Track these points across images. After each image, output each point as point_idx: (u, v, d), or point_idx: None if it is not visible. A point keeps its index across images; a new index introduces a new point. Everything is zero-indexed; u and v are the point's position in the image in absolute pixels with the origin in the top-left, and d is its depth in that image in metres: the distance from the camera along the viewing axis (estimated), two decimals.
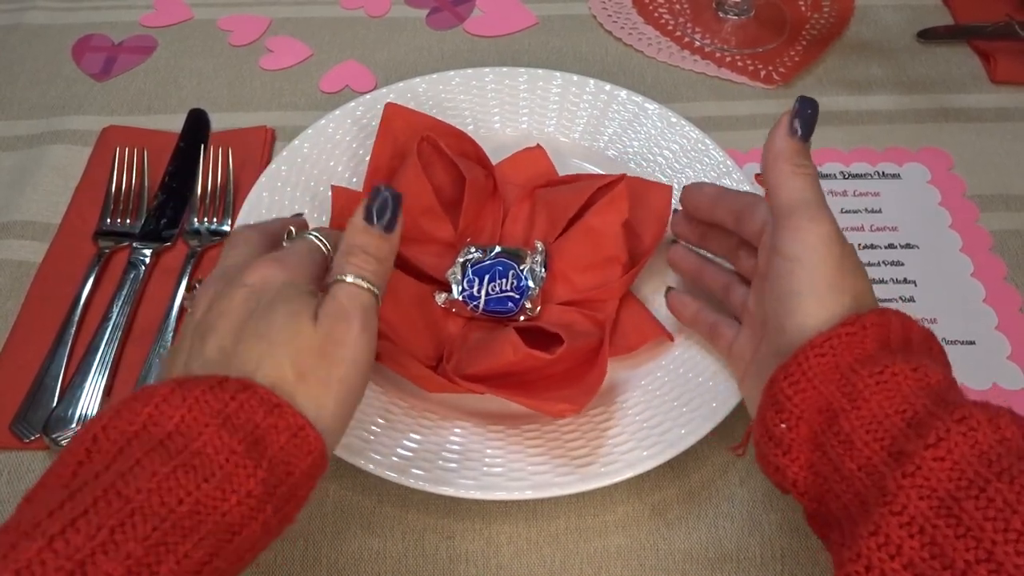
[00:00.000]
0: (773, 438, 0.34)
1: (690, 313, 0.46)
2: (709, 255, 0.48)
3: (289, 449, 0.31)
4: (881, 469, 0.29)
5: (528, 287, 0.48)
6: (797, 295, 0.35)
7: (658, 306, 0.49)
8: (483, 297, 0.48)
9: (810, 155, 0.38)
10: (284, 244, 0.39)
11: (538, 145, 0.56)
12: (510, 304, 0.48)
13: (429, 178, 0.50)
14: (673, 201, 0.51)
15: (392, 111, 0.53)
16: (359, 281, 0.35)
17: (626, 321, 0.48)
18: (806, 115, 0.37)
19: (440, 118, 0.58)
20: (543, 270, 0.49)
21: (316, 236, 0.38)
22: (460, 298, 0.48)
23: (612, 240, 0.49)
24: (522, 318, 0.48)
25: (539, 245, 0.49)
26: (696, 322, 0.46)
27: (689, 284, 0.49)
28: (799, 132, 0.37)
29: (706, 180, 0.54)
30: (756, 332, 0.40)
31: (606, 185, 0.51)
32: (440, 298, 0.48)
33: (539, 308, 0.48)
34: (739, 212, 0.42)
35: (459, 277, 0.48)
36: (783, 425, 0.33)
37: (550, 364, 0.43)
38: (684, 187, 0.47)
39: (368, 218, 0.36)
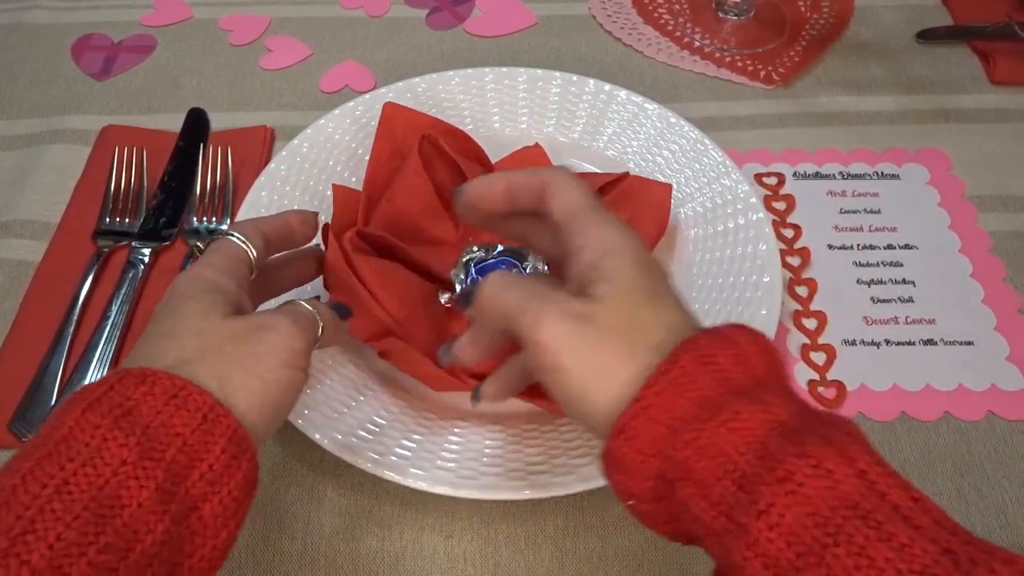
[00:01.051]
0: (631, 510, 0.31)
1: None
2: None
3: (169, 411, 0.29)
4: (727, 541, 0.26)
5: None
6: (579, 387, 0.30)
7: None
8: None
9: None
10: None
11: (536, 144, 0.56)
12: None
13: (430, 176, 0.50)
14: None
15: (391, 110, 0.53)
16: (304, 304, 0.36)
17: None
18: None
19: (440, 118, 0.59)
20: (546, 268, 0.49)
21: (239, 238, 0.38)
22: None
23: None
24: None
25: None
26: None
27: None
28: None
29: (704, 179, 0.54)
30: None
31: (609, 183, 0.51)
32: (444, 297, 0.48)
33: None
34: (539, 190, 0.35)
35: (462, 276, 0.48)
36: (631, 502, 0.30)
37: None
38: (465, 186, 0.37)
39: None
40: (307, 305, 0.36)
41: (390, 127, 0.53)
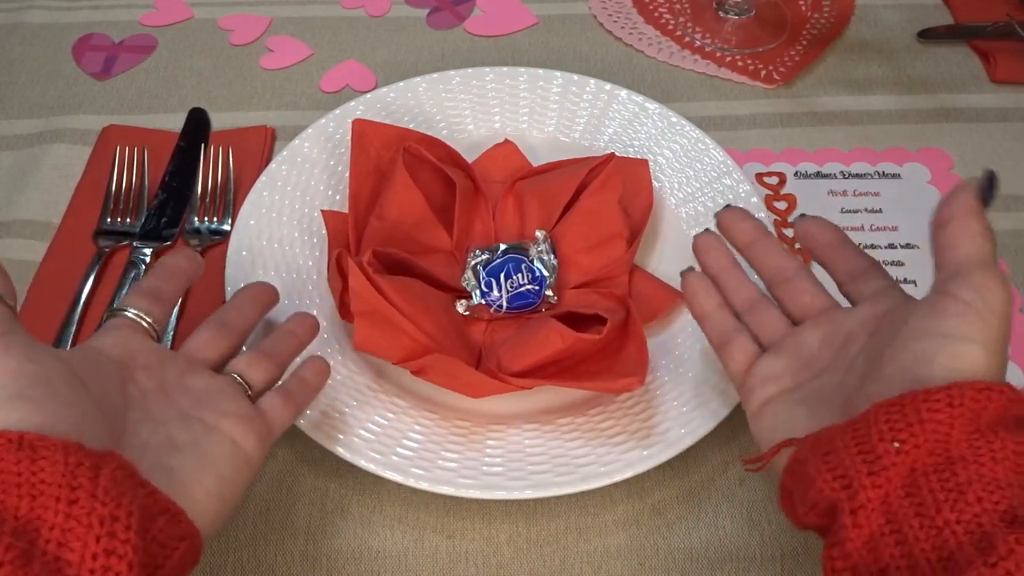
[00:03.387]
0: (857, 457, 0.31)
1: (708, 305, 0.41)
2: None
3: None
4: (988, 528, 0.27)
5: (544, 276, 0.48)
6: (963, 339, 0.31)
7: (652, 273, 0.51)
8: (504, 295, 0.48)
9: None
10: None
11: (507, 140, 0.57)
12: (531, 296, 0.48)
13: (418, 188, 0.50)
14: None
15: (361, 127, 0.53)
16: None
17: (642, 290, 0.49)
18: (992, 189, 0.37)
19: (440, 118, 0.59)
20: (552, 257, 0.49)
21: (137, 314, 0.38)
22: (483, 302, 0.48)
23: (611, 217, 0.50)
24: (543, 308, 0.48)
25: (540, 234, 0.50)
26: (708, 318, 0.41)
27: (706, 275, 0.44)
28: (986, 200, 0.37)
29: (705, 179, 0.54)
30: (801, 366, 0.37)
31: (596, 166, 0.51)
32: (461, 306, 0.48)
33: (556, 296, 0.49)
34: (853, 272, 0.39)
35: (474, 282, 0.48)
36: (896, 444, 0.30)
37: (595, 344, 0.44)
38: (799, 222, 0.41)
39: None
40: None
41: (363, 143, 0.52)
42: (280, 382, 0.40)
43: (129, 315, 0.37)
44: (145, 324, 0.37)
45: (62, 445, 0.27)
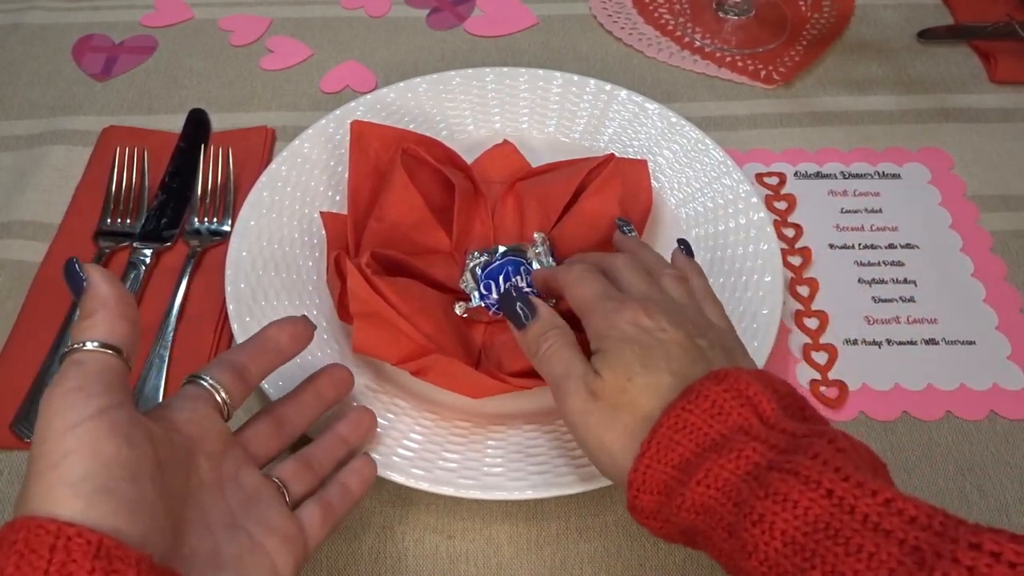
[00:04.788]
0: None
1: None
2: None
3: None
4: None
5: None
6: (593, 457, 0.36)
7: None
8: None
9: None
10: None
11: (505, 140, 0.57)
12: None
13: (417, 189, 0.50)
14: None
15: (359, 128, 0.52)
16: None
17: None
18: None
19: (440, 118, 0.59)
20: (551, 259, 0.49)
21: (209, 382, 0.35)
22: (482, 304, 0.48)
23: (611, 219, 0.50)
24: None
25: (538, 236, 0.49)
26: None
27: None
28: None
29: (705, 179, 0.54)
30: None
31: (595, 168, 0.51)
32: (460, 308, 0.48)
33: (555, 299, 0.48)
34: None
35: (473, 284, 0.48)
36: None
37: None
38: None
39: None
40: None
41: (361, 144, 0.52)
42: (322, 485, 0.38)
43: (207, 386, 0.35)
44: (220, 399, 0.35)
45: (136, 560, 0.26)
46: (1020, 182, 0.59)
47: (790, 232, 0.56)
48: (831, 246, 0.55)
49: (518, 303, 0.40)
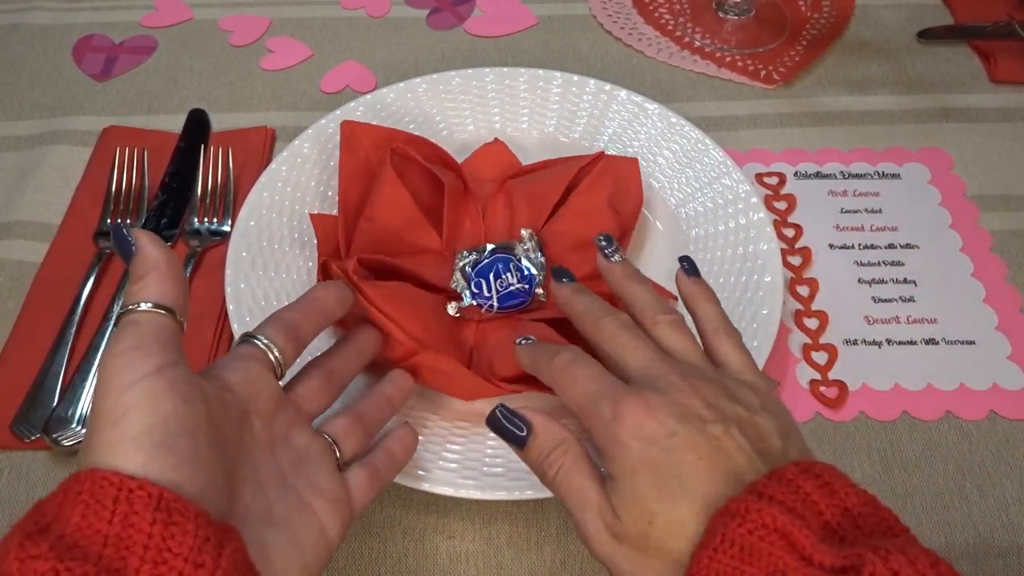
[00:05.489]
0: None
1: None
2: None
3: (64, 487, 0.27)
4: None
5: (532, 275, 0.48)
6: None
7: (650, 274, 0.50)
8: (495, 296, 0.48)
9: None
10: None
11: (496, 139, 0.57)
12: (521, 296, 0.48)
13: (407, 188, 0.50)
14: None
15: (349, 128, 0.52)
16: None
17: None
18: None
19: (440, 119, 0.59)
20: (540, 256, 0.49)
21: (264, 341, 0.36)
22: (474, 303, 0.48)
23: (601, 216, 0.50)
24: (535, 307, 0.48)
25: (525, 232, 0.49)
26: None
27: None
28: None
29: (705, 179, 0.54)
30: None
31: (586, 165, 0.51)
32: (452, 308, 0.48)
33: (547, 294, 0.49)
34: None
35: (464, 284, 0.48)
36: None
37: (586, 346, 0.43)
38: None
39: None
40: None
41: (351, 145, 0.52)
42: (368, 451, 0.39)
43: (260, 346, 0.35)
44: (273, 359, 0.35)
45: (194, 514, 0.27)
46: (1020, 182, 0.59)
47: (790, 232, 0.56)
48: (831, 246, 0.55)
49: (507, 421, 0.35)
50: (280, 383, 0.36)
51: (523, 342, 0.40)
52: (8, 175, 0.59)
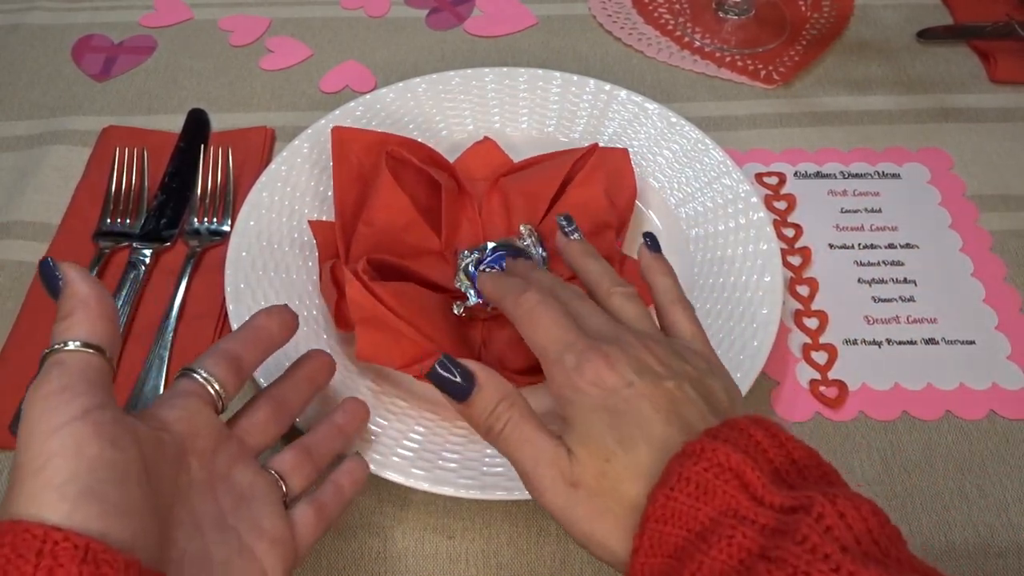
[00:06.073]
0: None
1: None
2: None
3: None
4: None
5: None
6: (583, 543, 0.32)
7: None
8: None
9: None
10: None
11: (486, 137, 0.57)
12: None
13: (404, 191, 0.50)
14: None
15: (341, 134, 0.52)
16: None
17: (633, 280, 0.49)
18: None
19: (440, 119, 0.59)
20: (542, 250, 0.49)
21: (202, 375, 0.35)
22: (479, 301, 0.47)
23: (599, 208, 0.50)
24: None
25: (524, 229, 0.49)
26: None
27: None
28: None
29: (705, 179, 0.54)
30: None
31: (580, 159, 0.52)
32: (458, 308, 0.48)
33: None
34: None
35: (468, 283, 0.48)
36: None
37: None
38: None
39: None
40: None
41: (344, 151, 0.52)
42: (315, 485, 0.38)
43: (199, 380, 0.34)
44: (213, 392, 0.34)
45: (124, 564, 0.26)
46: (1020, 182, 0.59)
47: (790, 232, 0.56)
48: (831, 246, 0.55)
49: (448, 372, 0.33)
50: (223, 417, 0.35)
51: (487, 270, 0.40)
52: (8, 175, 0.59)
